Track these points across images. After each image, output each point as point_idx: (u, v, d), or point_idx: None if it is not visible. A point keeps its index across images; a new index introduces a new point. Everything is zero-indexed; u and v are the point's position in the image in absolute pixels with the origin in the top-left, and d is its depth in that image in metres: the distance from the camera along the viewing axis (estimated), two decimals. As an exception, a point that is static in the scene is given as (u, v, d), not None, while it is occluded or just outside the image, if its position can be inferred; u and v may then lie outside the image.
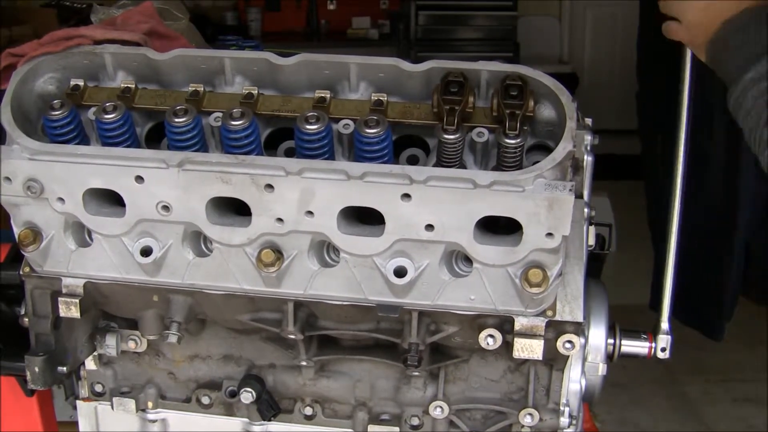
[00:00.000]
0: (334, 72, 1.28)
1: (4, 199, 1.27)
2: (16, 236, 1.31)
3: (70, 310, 1.37)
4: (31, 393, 1.60)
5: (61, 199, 1.25)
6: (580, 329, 1.30)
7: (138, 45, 1.35)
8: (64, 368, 1.43)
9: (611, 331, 1.50)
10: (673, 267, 1.98)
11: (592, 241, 1.41)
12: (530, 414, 1.40)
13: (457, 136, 1.18)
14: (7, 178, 1.24)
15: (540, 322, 1.28)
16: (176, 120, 1.22)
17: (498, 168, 1.22)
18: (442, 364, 1.43)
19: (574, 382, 1.42)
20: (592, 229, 1.42)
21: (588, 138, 1.41)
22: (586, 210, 1.37)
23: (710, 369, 4.07)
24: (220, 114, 1.25)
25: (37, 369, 1.39)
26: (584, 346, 1.41)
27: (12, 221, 1.32)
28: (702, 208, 3.82)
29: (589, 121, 1.47)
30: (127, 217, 1.26)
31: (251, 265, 1.27)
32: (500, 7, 7.04)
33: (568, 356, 1.34)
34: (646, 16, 4.75)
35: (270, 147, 1.33)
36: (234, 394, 1.49)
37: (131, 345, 1.51)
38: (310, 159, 1.20)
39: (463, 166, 1.24)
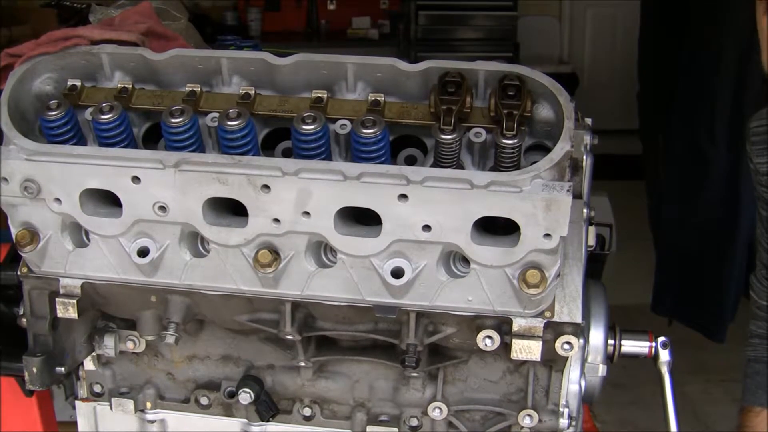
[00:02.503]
0: (331, 72, 1.27)
1: (2, 200, 1.27)
2: (14, 237, 1.31)
3: (67, 310, 1.36)
4: (29, 393, 1.60)
5: (58, 200, 1.25)
6: (578, 330, 1.29)
7: (135, 45, 1.35)
8: (63, 369, 1.43)
9: (611, 332, 1.50)
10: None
11: (592, 241, 1.41)
12: (529, 415, 1.40)
13: (454, 136, 1.18)
14: (5, 179, 1.24)
15: (538, 323, 1.28)
16: (173, 120, 1.22)
17: (495, 168, 1.21)
18: (441, 365, 1.43)
19: (573, 383, 1.42)
20: (592, 229, 1.42)
21: (587, 138, 1.40)
22: (585, 210, 1.37)
23: (710, 369, 4.07)
24: (217, 114, 1.25)
25: (35, 369, 1.39)
26: (584, 347, 1.41)
27: (9, 222, 1.31)
28: (703, 209, 3.82)
29: (588, 121, 1.46)
30: (124, 217, 1.25)
31: (248, 265, 1.26)
32: (500, 7, 7.05)
33: (567, 357, 1.33)
34: (646, 16, 4.75)
35: (267, 147, 1.32)
36: (233, 395, 1.49)
37: (129, 345, 1.50)
38: (306, 159, 1.20)
39: (460, 167, 1.23)
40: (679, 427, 1.53)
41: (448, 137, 1.18)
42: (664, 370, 1.53)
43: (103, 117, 1.24)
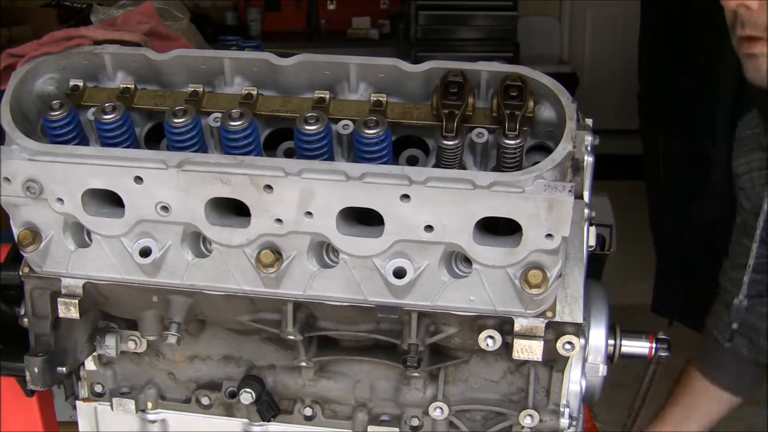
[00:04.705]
0: (333, 72, 1.27)
1: (4, 200, 1.27)
2: (16, 237, 1.31)
3: (69, 310, 1.36)
4: (31, 393, 1.60)
5: (60, 200, 1.25)
6: (579, 330, 1.30)
7: (138, 45, 1.35)
8: (64, 369, 1.43)
9: (611, 332, 1.50)
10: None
11: (592, 241, 1.41)
12: (530, 415, 1.40)
13: (456, 142, 1.18)
14: (7, 179, 1.24)
15: (540, 323, 1.28)
16: (175, 120, 1.22)
17: (498, 169, 1.21)
18: (442, 365, 1.43)
19: (574, 383, 1.42)
20: (592, 229, 1.42)
21: (588, 138, 1.40)
22: (586, 210, 1.37)
23: (710, 369, 4.07)
24: (220, 114, 1.25)
25: (36, 369, 1.39)
26: (584, 347, 1.41)
27: (11, 222, 1.31)
28: (704, 209, 3.82)
29: (589, 121, 1.46)
30: (126, 217, 1.25)
31: (250, 265, 1.26)
32: (500, 7, 7.07)
33: (568, 357, 1.34)
34: (646, 16, 4.76)
35: (269, 147, 1.32)
36: (234, 395, 1.49)
37: (131, 345, 1.51)
38: (309, 160, 1.20)
39: (463, 167, 1.23)
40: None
41: (451, 143, 1.18)
42: (651, 369, 1.55)
43: (105, 117, 1.24)
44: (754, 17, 1.45)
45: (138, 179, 1.21)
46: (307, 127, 1.19)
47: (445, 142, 1.18)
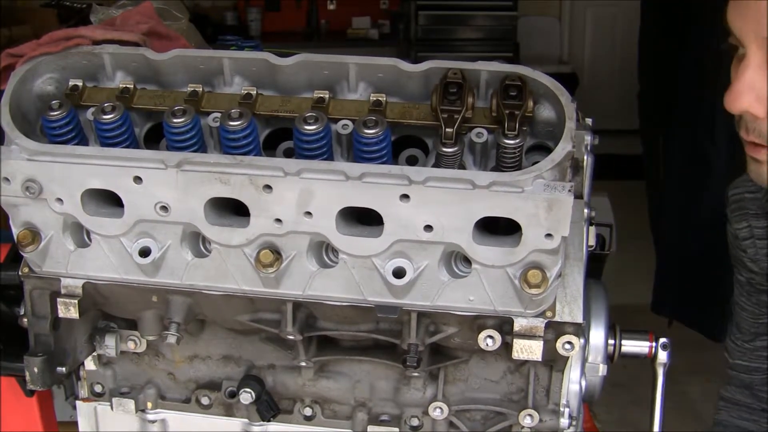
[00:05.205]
0: (333, 72, 1.27)
1: (3, 200, 1.27)
2: (15, 237, 1.31)
3: (69, 310, 1.36)
4: (30, 393, 1.60)
5: (59, 200, 1.25)
6: (579, 330, 1.30)
7: (137, 45, 1.35)
8: (64, 369, 1.43)
9: (611, 332, 1.50)
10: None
11: (592, 241, 1.41)
12: (530, 415, 1.40)
13: (456, 149, 1.18)
14: (6, 179, 1.24)
15: (539, 323, 1.28)
16: (175, 120, 1.22)
17: (497, 168, 1.21)
18: (442, 365, 1.43)
19: (574, 382, 1.42)
20: (592, 229, 1.42)
21: (588, 138, 1.40)
22: (585, 210, 1.37)
23: (710, 369, 4.07)
24: (219, 114, 1.25)
25: (36, 369, 1.39)
26: (584, 347, 1.41)
27: (11, 222, 1.31)
28: (704, 209, 3.83)
29: (589, 121, 1.46)
30: (125, 217, 1.25)
31: (250, 265, 1.26)
32: (500, 7, 7.08)
33: (568, 357, 1.34)
34: (647, 16, 4.76)
35: (269, 147, 1.33)
36: (233, 395, 1.49)
37: (131, 345, 1.51)
38: (308, 159, 1.20)
39: (462, 167, 1.23)
40: (661, 428, 1.55)
41: (450, 150, 1.18)
42: (660, 372, 1.54)
43: (104, 117, 1.24)
44: (759, 125, 1.41)
45: (137, 179, 1.21)
46: (307, 127, 1.19)
47: (444, 149, 1.18)
